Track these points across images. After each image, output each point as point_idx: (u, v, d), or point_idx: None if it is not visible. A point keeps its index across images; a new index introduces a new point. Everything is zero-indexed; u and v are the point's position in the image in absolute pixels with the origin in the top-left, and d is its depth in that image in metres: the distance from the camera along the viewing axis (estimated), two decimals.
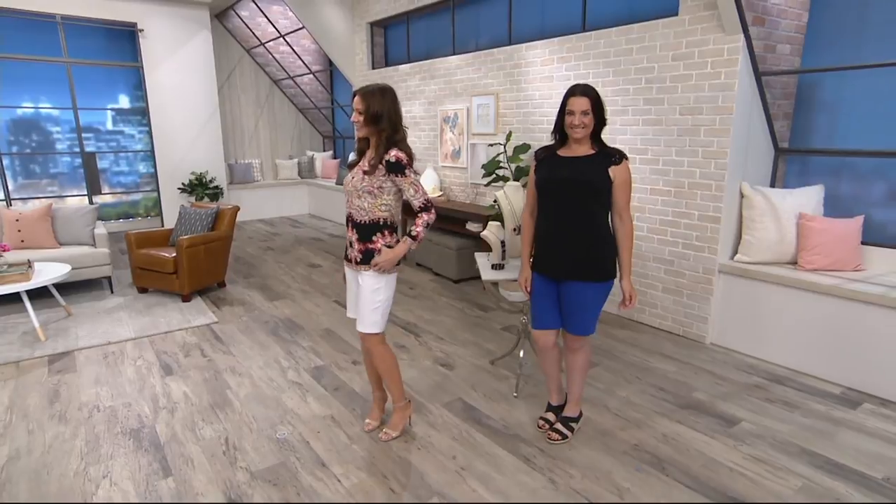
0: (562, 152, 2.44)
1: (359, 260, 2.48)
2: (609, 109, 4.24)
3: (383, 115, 2.36)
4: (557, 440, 2.65)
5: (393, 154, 2.36)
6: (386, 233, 2.48)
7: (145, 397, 3.13)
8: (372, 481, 2.38)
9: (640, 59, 3.97)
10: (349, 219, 2.51)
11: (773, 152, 3.88)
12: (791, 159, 3.95)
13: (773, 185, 3.91)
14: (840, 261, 3.40)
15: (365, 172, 2.41)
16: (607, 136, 4.23)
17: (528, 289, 2.61)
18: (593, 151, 2.38)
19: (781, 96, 3.79)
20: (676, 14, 3.73)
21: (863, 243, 3.45)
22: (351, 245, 2.51)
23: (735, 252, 3.80)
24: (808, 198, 3.61)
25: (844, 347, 3.19)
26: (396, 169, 2.37)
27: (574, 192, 2.37)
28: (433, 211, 2.46)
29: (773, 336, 3.51)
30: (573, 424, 2.72)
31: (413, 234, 2.42)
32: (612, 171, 2.34)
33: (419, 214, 2.44)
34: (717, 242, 3.70)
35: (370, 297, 2.48)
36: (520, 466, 2.47)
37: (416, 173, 2.45)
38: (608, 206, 2.40)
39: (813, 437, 2.69)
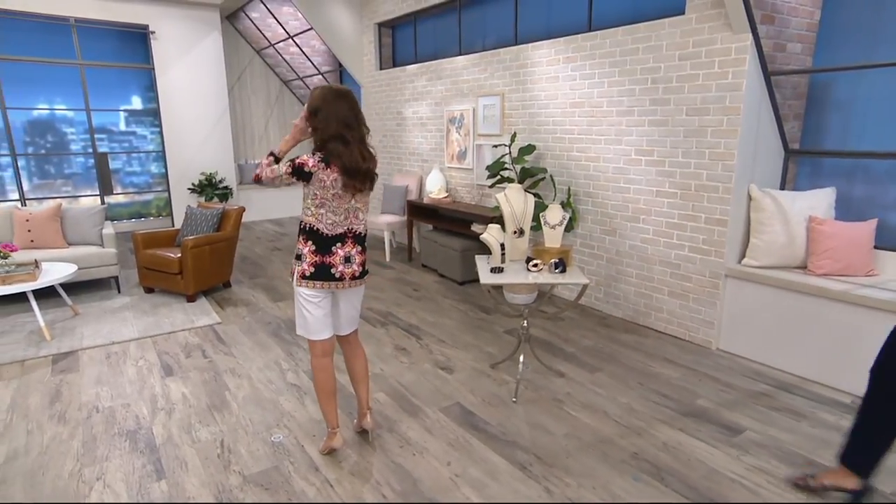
0: None
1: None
2: (614, 110, 4.20)
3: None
4: None
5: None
6: None
7: (144, 398, 3.14)
8: (364, 487, 2.35)
9: (647, 58, 3.90)
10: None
11: (783, 154, 3.79)
12: (802, 161, 3.84)
13: (783, 188, 3.81)
14: (852, 265, 3.30)
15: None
16: (611, 136, 4.22)
17: None
18: None
19: (792, 96, 3.69)
20: (683, 13, 3.65)
21: (876, 247, 3.35)
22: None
23: (743, 256, 3.71)
24: (819, 200, 3.51)
25: (855, 355, 3.09)
26: None
27: None
28: (257, 174, 2.48)
29: (781, 342, 3.42)
30: None
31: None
32: None
33: None
34: (725, 246, 3.62)
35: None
36: (515, 474, 2.43)
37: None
38: None
39: (820, 448, 2.61)
